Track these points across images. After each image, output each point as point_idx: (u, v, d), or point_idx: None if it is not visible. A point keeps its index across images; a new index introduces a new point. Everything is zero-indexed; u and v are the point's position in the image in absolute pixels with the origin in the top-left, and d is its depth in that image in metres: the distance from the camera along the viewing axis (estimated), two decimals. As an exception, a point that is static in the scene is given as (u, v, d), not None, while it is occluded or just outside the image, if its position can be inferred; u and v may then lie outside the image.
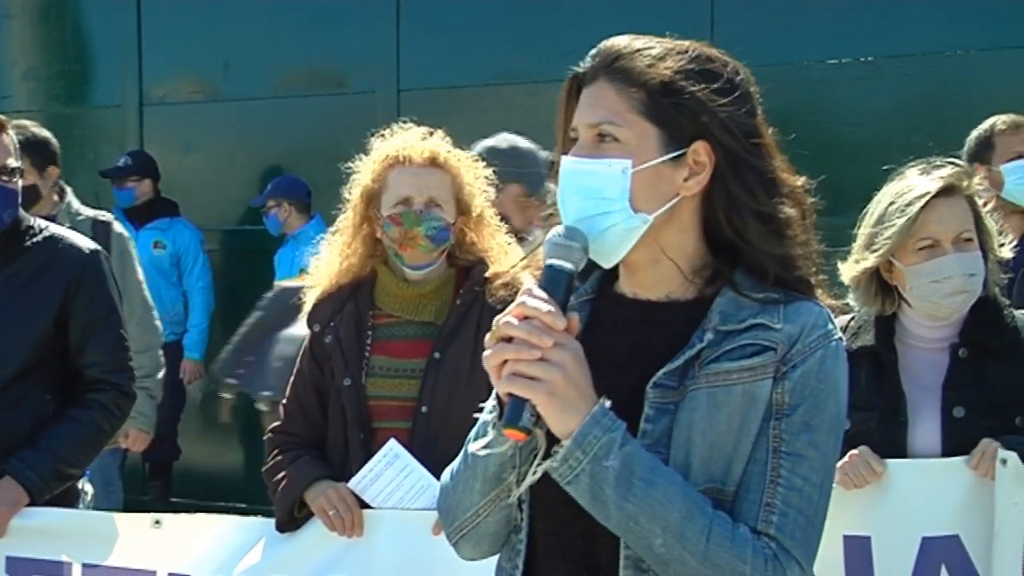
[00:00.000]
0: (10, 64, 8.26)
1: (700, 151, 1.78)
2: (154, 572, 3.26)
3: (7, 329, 3.40)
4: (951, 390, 3.03)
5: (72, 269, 3.46)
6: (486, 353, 1.71)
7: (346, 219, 3.22)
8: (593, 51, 1.84)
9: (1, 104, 8.03)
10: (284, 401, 3.30)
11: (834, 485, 2.94)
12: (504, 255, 3.18)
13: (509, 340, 1.68)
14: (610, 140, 1.78)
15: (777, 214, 1.80)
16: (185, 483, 7.43)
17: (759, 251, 1.79)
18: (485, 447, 1.77)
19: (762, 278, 1.79)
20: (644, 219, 1.77)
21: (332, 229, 3.27)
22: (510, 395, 1.69)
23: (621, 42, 1.83)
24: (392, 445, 3.04)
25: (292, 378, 3.29)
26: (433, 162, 3.15)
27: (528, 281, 1.82)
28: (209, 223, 7.65)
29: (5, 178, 3.37)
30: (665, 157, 1.77)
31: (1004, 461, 2.93)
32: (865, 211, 3.14)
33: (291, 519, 3.14)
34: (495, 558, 1.94)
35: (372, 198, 3.17)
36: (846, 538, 3.02)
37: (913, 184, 3.04)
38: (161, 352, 5.54)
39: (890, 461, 3.00)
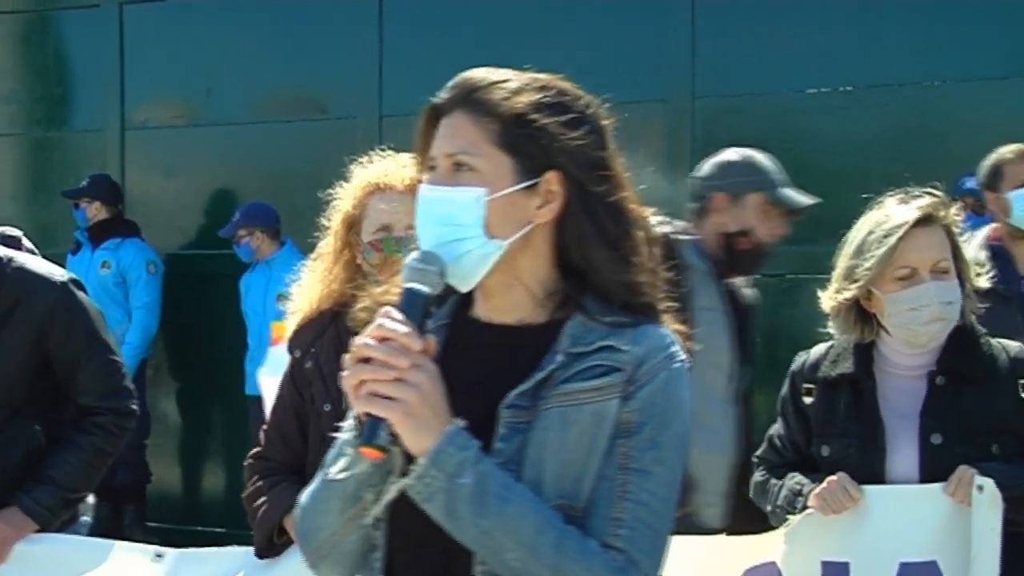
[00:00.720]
0: (-9, 87, 8.26)
1: (552, 181, 1.86)
2: None
3: None
4: (928, 417, 3.05)
5: (44, 304, 3.35)
6: (344, 373, 1.77)
7: (327, 245, 3.22)
8: (451, 83, 1.91)
9: (-18, 127, 8.04)
10: (264, 427, 3.30)
11: (812, 511, 3.00)
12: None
13: (367, 361, 1.74)
14: (466, 169, 1.85)
15: (623, 242, 1.89)
16: (161, 507, 7.39)
17: (606, 277, 1.87)
18: (344, 469, 1.82)
19: (609, 303, 1.87)
20: (498, 245, 1.85)
21: (313, 255, 3.28)
22: (367, 415, 1.75)
23: (478, 74, 1.90)
24: None
25: (272, 404, 3.28)
26: (414, 189, 3.17)
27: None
28: (191, 247, 7.65)
29: None
30: (518, 186, 1.85)
31: (980, 488, 2.94)
32: (844, 240, 3.16)
33: (270, 545, 3.13)
34: None
35: (353, 224, 3.17)
36: (824, 564, 3.03)
37: (891, 213, 3.07)
38: None
39: (868, 487, 3.01)
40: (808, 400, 3.18)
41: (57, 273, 3.45)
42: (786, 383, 3.27)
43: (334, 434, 1.93)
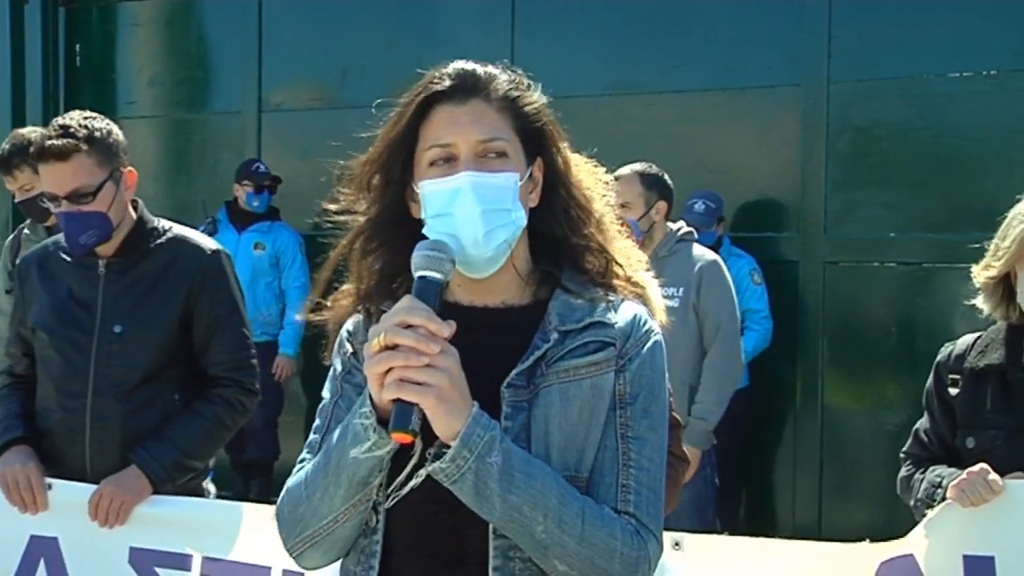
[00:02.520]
0: (137, 70, 8.49)
1: (540, 165, 1.98)
2: (269, 568, 3.30)
3: (134, 331, 3.48)
4: (1079, 410, 2.97)
5: (195, 269, 3.53)
6: (369, 362, 1.80)
7: None
8: (452, 72, 1.97)
9: (127, 109, 8.28)
10: None
11: (950, 502, 2.92)
12: (625, 260, 3.15)
13: (394, 348, 1.78)
14: (500, 155, 1.92)
15: (590, 222, 2.01)
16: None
17: (585, 254, 1.99)
18: (366, 452, 1.83)
19: (588, 279, 1.98)
20: (522, 228, 1.95)
21: None
22: (396, 401, 1.77)
23: (479, 66, 1.98)
24: None
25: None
26: None
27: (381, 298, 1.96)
28: (325, 229, 7.77)
29: (76, 204, 3.40)
30: (529, 170, 1.96)
31: None
32: (1002, 218, 3.11)
33: None
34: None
35: None
36: (966, 558, 2.95)
37: None
38: None
39: (1018, 481, 2.94)
40: (953, 391, 3.12)
41: (210, 242, 3.66)
42: (931, 375, 3.21)
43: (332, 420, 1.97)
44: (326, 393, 2.06)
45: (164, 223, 3.62)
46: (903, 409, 5.88)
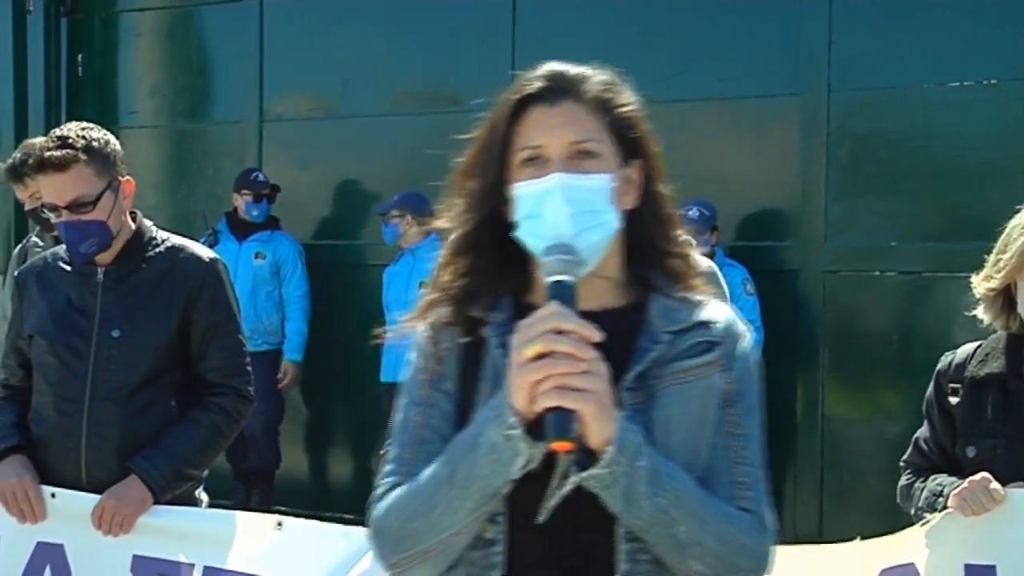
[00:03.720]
0: (138, 80, 8.51)
1: (637, 167, 1.96)
2: None
3: (133, 337, 3.51)
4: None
5: (193, 277, 3.57)
6: (519, 371, 1.76)
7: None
8: (544, 74, 1.95)
9: (128, 119, 8.30)
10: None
11: (951, 511, 2.93)
12: None
13: (541, 357, 1.75)
14: (593, 156, 1.90)
15: (673, 224, 2.02)
16: (288, 492, 7.54)
17: (677, 257, 1.99)
18: (519, 465, 1.79)
19: (677, 282, 1.98)
20: (615, 231, 1.92)
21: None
22: (553, 409, 1.74)
23: (571, 67, 1.96)
24: None
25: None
26: None
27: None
28: (325, 238, 7.79)
29: (76, 213, 3.44)
30: (623, 173, 1.94)
31: None
32: (1001, 229, 3.11)
33: None
34: None
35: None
36: (968, 567, 2.96)
37: None
38: None
39: (1018, 490, 2.94)
40: (954, 400, 3.12)
41: (207, 251, 3.71)
42: (931, 384, 3.21)
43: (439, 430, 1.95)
44: (406, 401, 2.01)
45: (162, 233, 3.67)
46: (903, 418, 5.88)
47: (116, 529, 3.41)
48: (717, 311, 1.97)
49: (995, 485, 2.92)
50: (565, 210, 1.86)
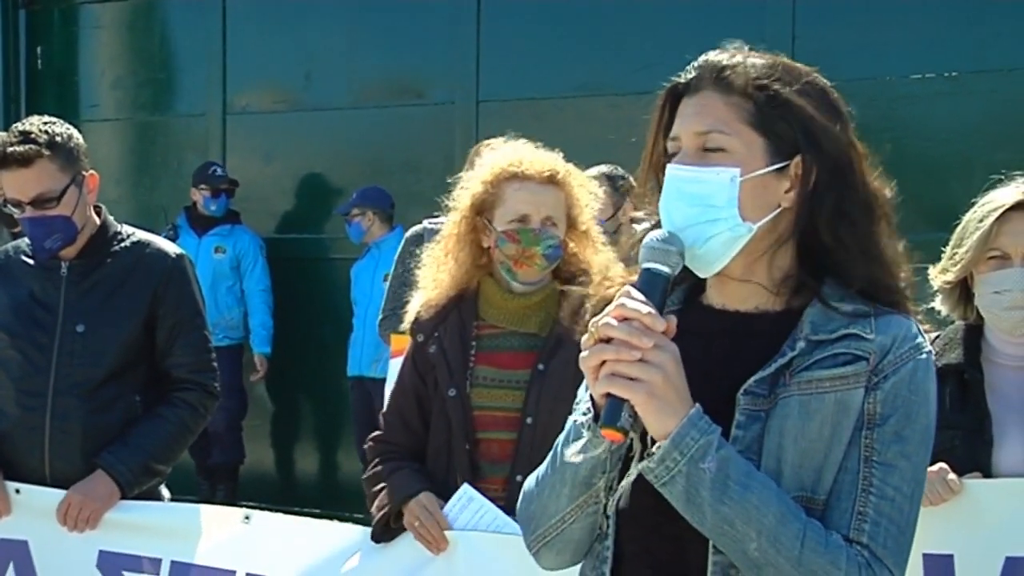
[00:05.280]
0: (99, 73, 8.44)
1: (802, 163, 1.81)
2: (234, 572, 3.31)
3: (98, 331, 3.49)
4: (1037, 409, 2.99)
5: (159, 272, 3.56)
6: (584, 354, 1.72)
7: (452, 227, 3.18)
8: (696, 63, 1.87)
9: (90, 112, 8.23)
10: (384, 411, 3.32)
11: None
12: (606, 271, 3.14)
13: (608, 341, 1.70)
14: (717, 149, 1.80)
15: (872, 225, 1.84)
16: (254, 487, 7.52)
17: (854, 262, 1.82)
18: (579, 451, 1.78)
19: (853, 291, 1.81)
20: (749, 228, 1.80)
21: (436, 238, 3.25)
22: (608, 396, 1.70)
23: (725, 54, 1.87)
24: (465, 489, 3.07)
25: (393, 387, 3.30)
26: (552, 179, 3.12)
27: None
28: (289, 231, 7.76)
29: (40, 209, 3.42)
30: (771, 168, 1.81)
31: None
32: (957, 222, 3.13)
33: (386, 530, 3.16)
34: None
35: (483, 209, 3.13)
36: (926, 556, 2.97)
37: (993, 196, 3.06)
38: None
39: (974, 481, 2.97)
40: None
41: (173, 247, 3.69)
42: None
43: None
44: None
45: (127, 228, 3.65)
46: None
47: (82, 525, 3.40)
48: (889, 326, 1.79)
49: (952, 476, 2.94)
50: (674, 203, 1.80)
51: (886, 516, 1.73)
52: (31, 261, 3.57)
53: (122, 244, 3.58)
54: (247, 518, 3.40)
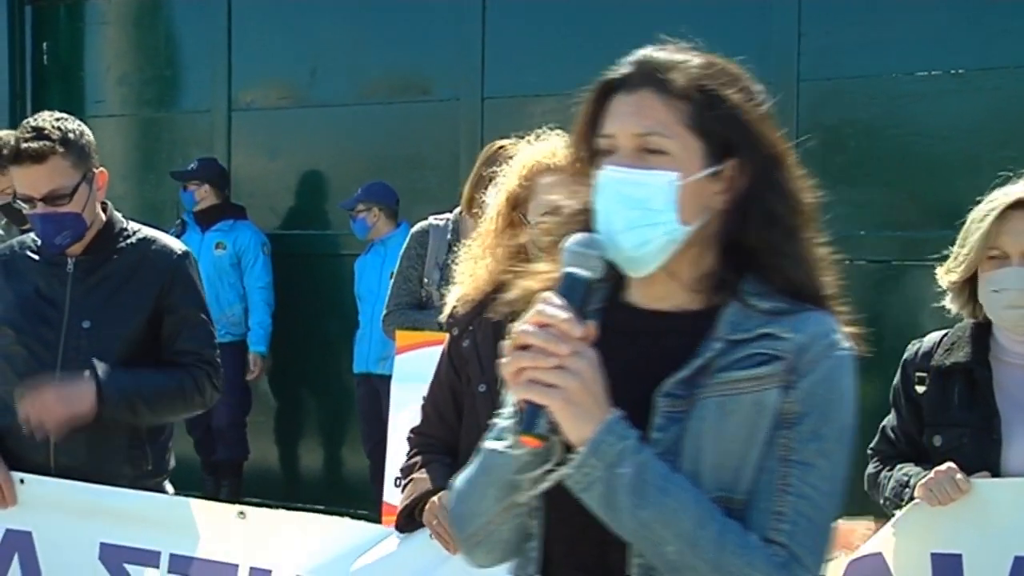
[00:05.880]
0: (105, 69, 8.44)
1: (735, 165, 1.81)
2: (236, 566, 3.32)
3: (103, 328, 3.50)
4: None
5: (164, 269, 3.56)
6: (503, 360, 1.73)
7: (489, 223, 3.15)
8: (631, 60, 1.84)
9: (95, 108, 8.23)
10: (423, 404, 3.32)
11: (918, 501, 2.95)
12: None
13: (526, 347, 1.70)
14: (658, 151, 1.79)
15: (799, 228, 1.84)
16: (258, 483, 7.52)
17: (778, 264, 1.82)
18: (504, 454, 1.79)
19: (774, 288, 1.81)
20: (685, 231, 1.79)
21: (473, 234, 3.23)
22: (527, 402, 1.71)
23: (663, 53, 1.85)
24: None
25: (431, 380, 3.30)
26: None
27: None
28: (294, 228, 7.76)
29: (52, 206, 3.42)
30: (709, 171, 1.79)
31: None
32: (963, 220, 3.14)
33: (410, 521, 3.15)
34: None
35: (518, 204, 3.10)
36: (935, 556, 2.98)
37: (994, 196, 3.07)
38: None
39: (983, 480, 2.96)
40: (920, 389, 3.13)
41: (178, 244, 3.69)
42: (898, 372, 3.22)
43: (492, 419, 1.91)
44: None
45: (133, 225, 3.66)
46: (872, 405, 5.86)
47: (39, 420, 3.34)
48: (808, 325, 1.78)
49: (961, 475, 2.94)
50: (613, 206, 1.78)
51: (804, 515, 1.73)
52: (36, 257, 3.58)
53: (128, 240, 3.59)
54: (242, 514, 3.40)
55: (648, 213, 1.77)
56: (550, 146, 3.13)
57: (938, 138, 6.08)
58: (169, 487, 3.72)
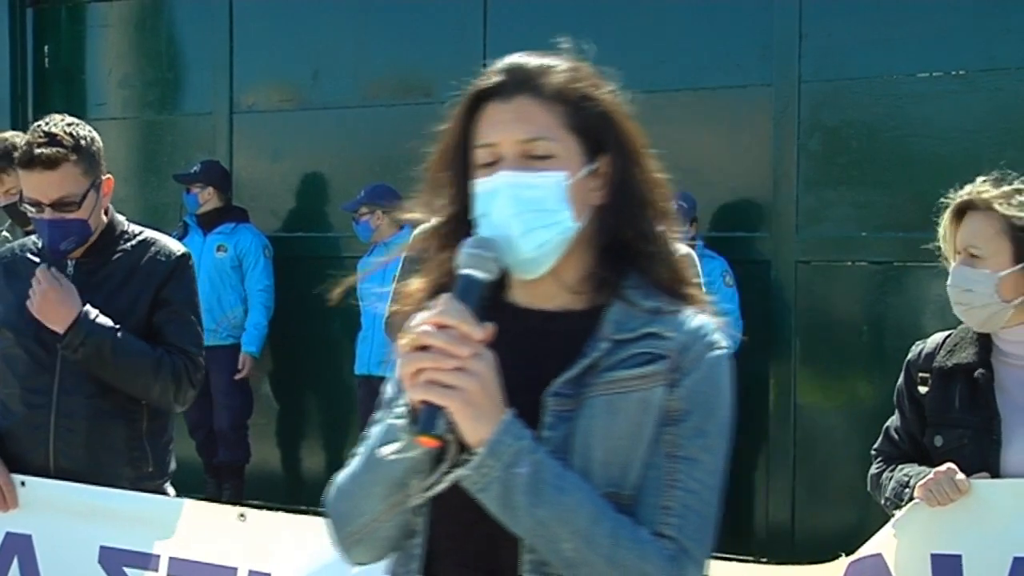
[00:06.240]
0: (106, 72, 8.45)
1: (607, 162, 1.86)
2: (235, 569, 3.31)
3: None
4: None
5: (163, 270, 3.57)
6: (400, 361, 1.75)
7: None
8: (502, 67, 1.88)
9: (97, 111, 8.23)
10: None
11: (918, 501, 2.94)
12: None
13: (424, 348, 1.72)
14: (546, 155, 1.83)
15: (666, 224, 1.91)
16: (260, 486, 7.52)
17: (652, 258, 1.88)
18: (396, 453, 1.79)
19: (654, 287, 1.87)
20: (576, 229, 1.84)
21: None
22: (424, 403, 1.72)
23: (533, 59, 1.89)
24: None
25: None
26: None
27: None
28: (296, 230, 7.76)
29: (60, 212, 3.43)
30: (588, 169, 1.85)
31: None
32: None
33: None
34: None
35: None
36: (934, 556, 2.98)
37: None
38: None
39: (983, 481, 2.96)
40: (923, 390, 3.15)
41: (178, 246, 3.69)
42: (902, 373, 3.23)
43: (380, 418, 1.92)
44: (388, 388, 2.00)
45: (134, 227, 3.66)
46: (875, 407, 5.90)
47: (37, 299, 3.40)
48: (687, 323, 1.84)
49: (960, 476, 2.94)
50: (510, 210, 1.81)
51: (692, 509, 1.78)
52: (37, 259, 3.57)
53: (129, 243, 3.59)
54: (242, 516, 3.40)
55: (544, 214, 1.82)
56: None
57: (940, 139, 6.08)
58: (170, 489, 3.72)
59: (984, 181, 3.12)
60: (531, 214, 1.81)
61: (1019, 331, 3.08)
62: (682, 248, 6.68)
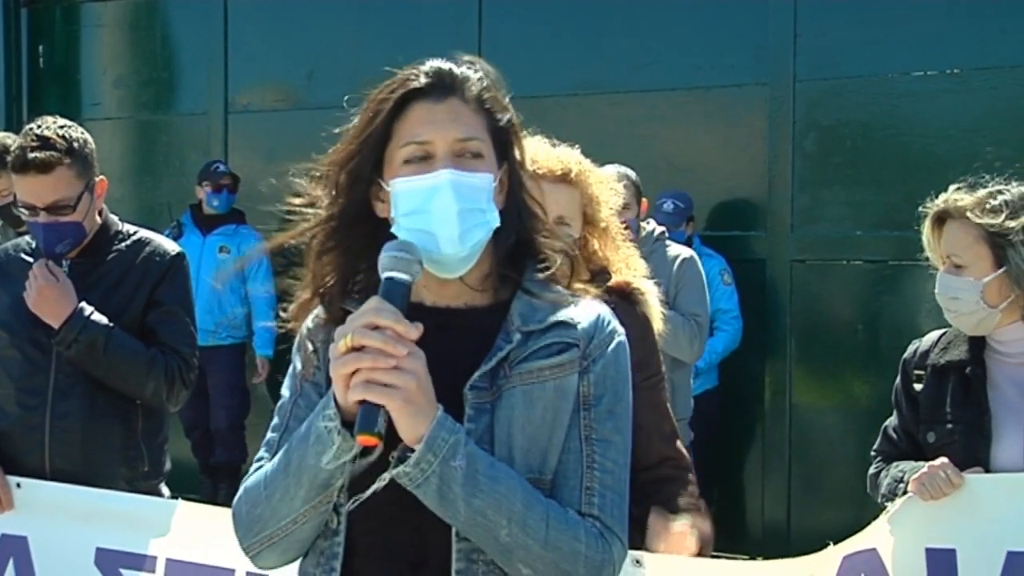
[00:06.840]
0: (101, 72, 8.44)
1: (505, 171, 1.96)
2: (233, 571, 3.31)
3: None
4: (1036, 406, 3.00)
5: (157, 269, 3.58)
6: (335, 363, 1.77)
7: None
8: (427, 70, 1.94)
9: (91, 111, 8.23)
10: None
11: (911, 495, 2.95)
12: (626, 267, 3.09)
13: (360, 350, 1.75)
14: (474, 155, 1.91)
15: (548, 232, 2.00)
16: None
17: (548, 253, 1.97)
18: (333, 457, 1.80)
19: (551, 280, 1.96)
20: (493, 230, 1.93)
21: None
22: (363, 402, 1.75)
23: (459, 67, 1.96)
24: None
25: None
26: (564, 178, 3.02)
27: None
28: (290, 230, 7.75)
29: (55, 215, 3.43)
30: (500, 171, 1.94)
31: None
32: None
33: None
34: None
35: None
36: (929, 551, 2.98)
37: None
38: None
39: (976, 476, 2.97)
40: (918, 387, 3.18)
41: (173, 245, 3.70)
42: (899, 372, 3.26)
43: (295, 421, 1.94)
44: (285, 391, 2.04)
45: (128, 227, 3.66)
46: (870, 405, 5.92)
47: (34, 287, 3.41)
48: (587, 312, 1.94)
49: (953, 470, 2.95)
50: (453, 207, 1.86)
51: (610, 488, 1.89)
52: (31, 260, 3.57)
53: (123, 243, 3.60)
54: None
55: (479, 213, 1.89)
56: (529, 151, 3.09)
57: (935, 138, 6.08)
58: (165, 489, 3.71)
59: (958, 188, 3.14)
60: (470, 212, 1.88)
61: (1011, 330, 3.09)
62: (683, 251, 6.69)
